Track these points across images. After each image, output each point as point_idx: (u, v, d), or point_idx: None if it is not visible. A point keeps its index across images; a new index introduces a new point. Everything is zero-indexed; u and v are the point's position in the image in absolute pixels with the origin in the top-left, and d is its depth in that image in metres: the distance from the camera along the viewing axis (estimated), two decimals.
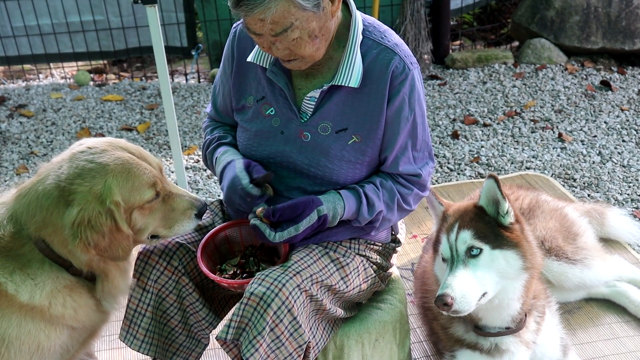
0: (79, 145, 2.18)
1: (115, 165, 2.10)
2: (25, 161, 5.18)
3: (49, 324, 2.18)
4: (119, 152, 2.14)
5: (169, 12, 6.64)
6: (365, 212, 2.37)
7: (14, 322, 2.12)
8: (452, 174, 4.68)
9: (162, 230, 2.26)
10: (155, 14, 3.78)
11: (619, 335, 3.07)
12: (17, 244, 2.13)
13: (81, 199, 2.04)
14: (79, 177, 2.07)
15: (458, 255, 2.36)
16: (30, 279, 2.13)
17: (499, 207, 2.42)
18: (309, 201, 2.29)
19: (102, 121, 5.79)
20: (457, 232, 2.39)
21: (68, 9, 6.59)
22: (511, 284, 2.41)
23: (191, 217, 2.26)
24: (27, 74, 6.95)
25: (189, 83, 6.62)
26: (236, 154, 2.46)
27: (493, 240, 2.37)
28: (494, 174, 2.39)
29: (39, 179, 2.14)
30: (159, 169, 2.24)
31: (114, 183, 2.07)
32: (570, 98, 5.70)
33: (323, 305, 2.35)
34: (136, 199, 2.13)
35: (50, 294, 2.15)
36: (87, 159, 2.10)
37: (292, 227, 2.27)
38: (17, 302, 2.11)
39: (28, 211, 2.11)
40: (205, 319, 2.50)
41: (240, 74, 2.48)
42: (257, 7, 2.06)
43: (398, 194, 2.42)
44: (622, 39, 6.22)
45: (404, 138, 2.38)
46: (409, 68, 2.33)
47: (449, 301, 2.27)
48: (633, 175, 4.49)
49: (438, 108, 5.68)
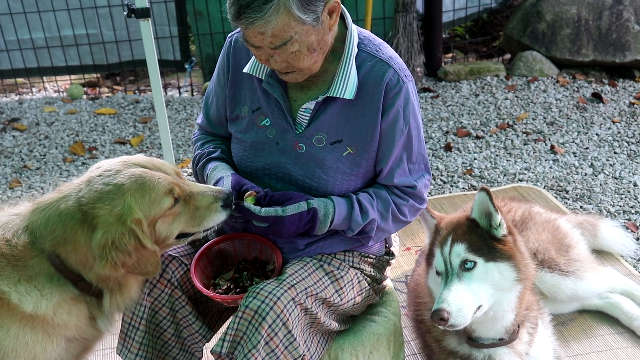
0: (96, 169, 2.22)
1: (130, 184, 2.13)
2: (19, 175, 5.17)
3: (47, 336, 2.18)
4: (131, 169, 2.17)
5: (162, 25, 6.67)
6: (358, 217, 2.37)
7: (11, 333, 2.13)
8: (445, 186, 4.69)
9: (192, 229, 2.27)
10: (148, 27, 3.79)
11: (612, 347, 3.08)
12: (28, 255, 2.15)
13: (104, 222, 2.08)
14: (99, 200, 2.11)
15: (452, 268, 2.37)
16: (37, 290, 2.15)
17: (492, 219, 2.43)
18: (300, 194, 2.33)
19: (96, 135, 5.79)
20: (450, 245, 2.40)
21: (61, 22, 6.60)
22: (505, 295, 2.41)
23: (218, 209, 2.26)
24: (20, 88, 6.95)
25: (182, 96, 6.63)
26: (226, 170, 2.46)
27: (487, 253, 2.38)
28: (486, 187, 2.40)
29: (60, 197, 2.18)
30: (176, 174, 2.26)
31: (132, 201, 2.11)
32: (562, 110, 5.73)
33: (318, 318, 2.35)
34: (156, 210, 2.15)
35: (56, 304, 2.17)
36: (104, 182, 2.14)
37: (280, 208, 2.27)
38: (19, 312, 2.12)
39: (47, 226, 2.14)
40: (199, 332, 2.49)
41: (236, 84, 2.50)
42: (257, 21, 2.08)
43: (393, 204, 2.43)
44: (612, 52, 6.27)
45: (399, 150, 2.39)
46: (403, 81, 2.34)
47: (445, 316, 2.27)
48: (625, 187, 4.51)
49: (431, 120, 5.70)
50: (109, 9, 6.58)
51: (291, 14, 2.08)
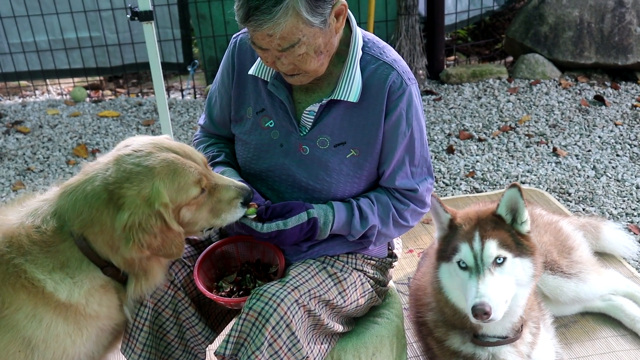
0: (124, 148, 2.21)
1: (161, 168, 2.13)
2: (22, 177, 5.18)
3: (77, 328, 2.20)
4: (164, 153, 2.17)
5: (165, 28, 6.68)
6: (357, 224, 2.38)
7: (44, 324, 2.14)
8: (447, 188, 4.70)
9: (212, 221, 2.28)
10: (151, 30, 3.81)
11: (615, 349, 3.08)
12: (58, 239, 2.16)
13: (130, 203, 2.08)
14: (127, 180, 2.10)
15: (484, 263, 2.39)
16: (69, 277, 2.16)
17: (518, 215, 2.47)
18: (300, 203, 2.33)
19: (99, 137, 5.80)
20: (481, 241, 2.42)
21: (65, 25, 6.62)
22: (522, 290, 2.46)
23: (237, 206, 2.27)
24: (24, 91, 6.97)
25: (185, 99, 6.64)
26: (234, 177, 2.46)
27: (515, 249, 2.43)
28: (517, 183, 2.45)
29: (86, 179, 2.17)
30: (204, 164, 2.27)
31: (161, 185, 2.11)
32: (564, 113, 5.74)
33: (321, 320, 2.36)
34: (183, 197, 2.16)
35: (87, 292, 2.18)
36: (133, 162, 2.13)
37: (281, 222, 2.29)
38: (53, 301, 2.13)
39: (74, 208, 2.14)
40: (202, 333, 2.50)
41: (240, 85, 2.51)
42: (266, 23, 2.08)
43: (393, 209, 2.43)
44: (615, 54, 6.27)
45: (401, 153, 2.40)
46: (406, 83, 2.35)
47: (488, 310, 2.30)
48: (627, 190, 4.51)
49: (433, 123, 5.71)
50: (112, 12, 6.60)
51: (300, 16, 2.09)
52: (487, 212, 2.53)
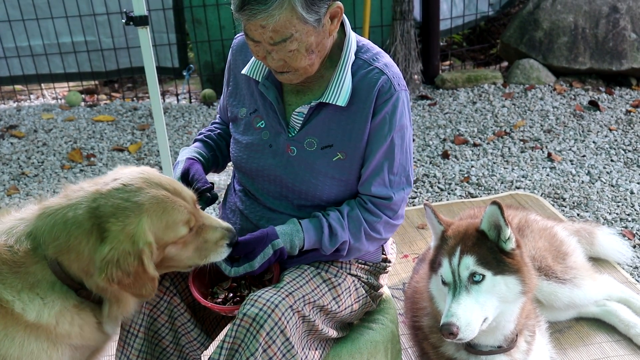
0: (113, 181, 2.17)
1: (150, 205, 2.11)
2: (16, 182, 5.17)
3: (52, 344, 2.17)
4: (154, 189, 2.15)
5: (161, 32, 6.68)
6: (327, 242, 2.37)
7: (16, 342, 2.11)
8: (442, 193, 4.70)
9: (197, 260, 2.27)
10: (146, 34, 3.80)
11: (609, 355, 3.08)
12: (29, 261, 2.13)
13: (114, 238, 2.05)
14: (113, 215, 2.08)
15: (460, 280, 2.36)
16: (39, 298, 2.13)
17: (501, 232, 2.41)
18: (263, 236, 2.32)
19: (94, 142, 5.79)
20: (459, 257, 2.39)
21: (60, 29, 6.61)
22: (509, 307, 2.42)
23: (223, 246, 2.27)
24: (18, 95, 6.96)
25: (180, 103, 6.64)
26: (190, 153, 2.54)
27: (495, 267, 2.37)
28: (497, 201, 2.38)
29: (69, 204, 2.14)
30: (193, 203, 2.25)
31: (147, 223, 2.08)
32: (559, 118, 5.75)
33: (315, 325, 2.36)
34: (170, 236, 2.14)
35: (59, 313, 2.15)
36: (122, 197, 2.11)
37: (247, 264, 2.30)
38: (22, 321, 2.11)
39: (51, 232, 2.11)
40: (197, 339, 2.49)
41: (236, 86, 2.54)
42: (260, 13, 2.09)
43: (365, 223, 2.41)
44: (609, 60, 6.30)
45: (380, 157, 2.38)
46: (395, 89, 2.35)
47: (455, 330, 2.27)
48: (622, 195, 4.52)
49: (428, 128, 5.72)
50: (107, 17, 6.59)
51: (294, 11, 2.10)
52: (472, 227, 2.49)
